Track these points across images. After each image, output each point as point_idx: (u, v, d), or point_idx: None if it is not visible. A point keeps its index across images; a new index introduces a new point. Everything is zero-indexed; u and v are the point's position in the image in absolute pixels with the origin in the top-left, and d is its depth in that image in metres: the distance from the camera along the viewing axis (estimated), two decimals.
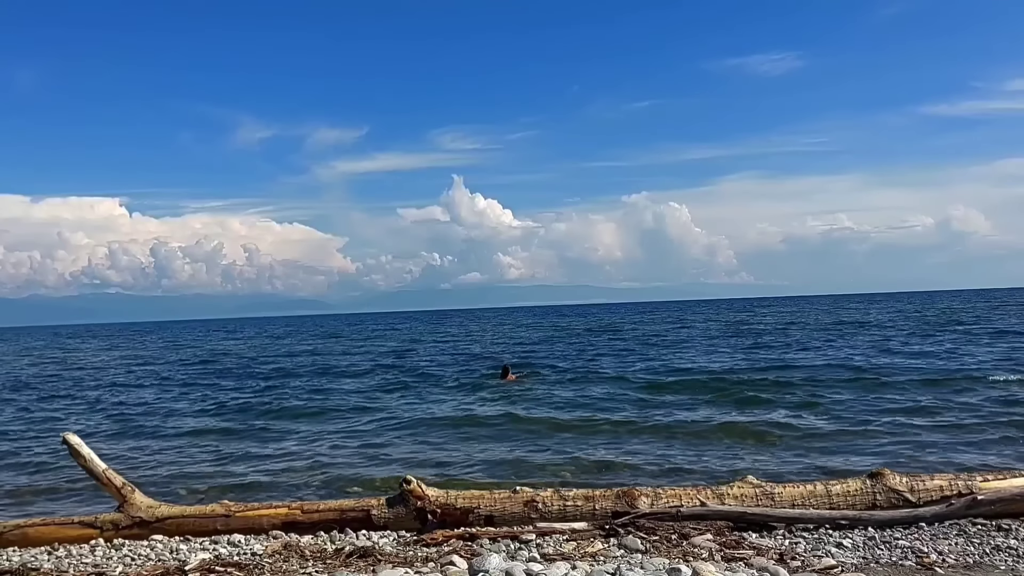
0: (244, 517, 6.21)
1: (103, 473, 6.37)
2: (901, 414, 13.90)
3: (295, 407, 18.80)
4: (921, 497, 5.81)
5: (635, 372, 23.75)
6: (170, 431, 15.85)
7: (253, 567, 5.03)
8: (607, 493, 6.04)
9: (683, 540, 5.36)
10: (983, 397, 15.45)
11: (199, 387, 24.86)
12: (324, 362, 34.58)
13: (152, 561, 5.51)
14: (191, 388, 24.64)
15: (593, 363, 28.09)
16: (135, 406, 20.32)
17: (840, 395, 16.70)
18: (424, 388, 22.24)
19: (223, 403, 20.26)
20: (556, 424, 14.66)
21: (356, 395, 21.11)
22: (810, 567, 4.70)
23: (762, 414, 14.59)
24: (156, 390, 24.54)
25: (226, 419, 17.32)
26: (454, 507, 6.04)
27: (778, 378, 19.95)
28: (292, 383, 25.05)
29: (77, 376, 31.84)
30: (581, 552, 5.11)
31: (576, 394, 19.17)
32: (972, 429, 12.36)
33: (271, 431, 15.36)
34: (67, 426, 15.39)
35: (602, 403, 17.46)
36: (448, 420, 15.84)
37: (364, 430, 15.12)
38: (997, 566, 4.79)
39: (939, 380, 18.26)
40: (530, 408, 17.15)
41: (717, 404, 16.31)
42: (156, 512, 6.29)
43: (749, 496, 5.92)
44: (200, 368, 33.67)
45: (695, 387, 19.10)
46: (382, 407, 18.29)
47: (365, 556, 5.15)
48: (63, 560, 5.68)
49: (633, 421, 14.61)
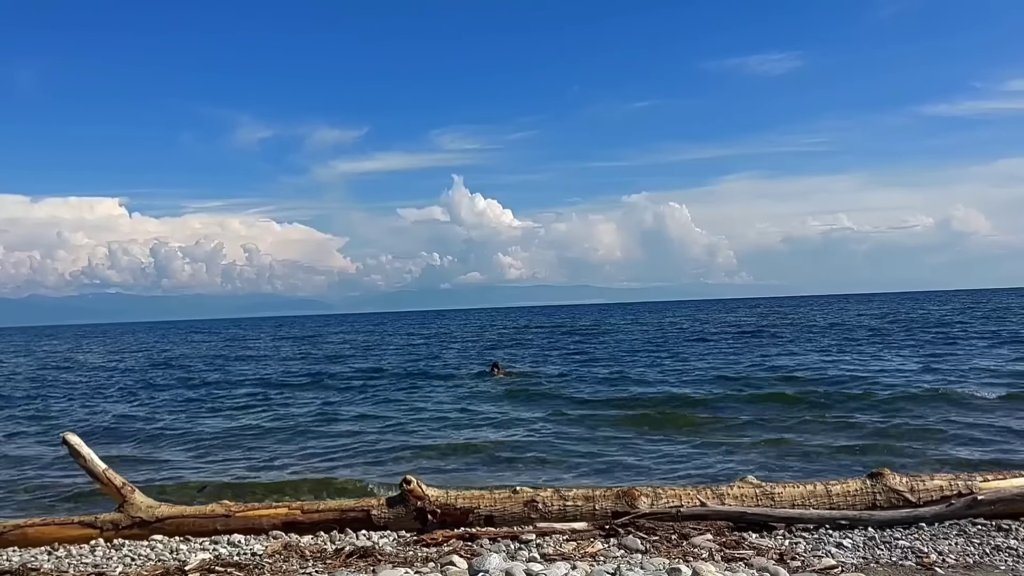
0: (244, 517, 6.20)
1: (103, 473, 6.36)
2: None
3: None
4: (921, 497, 5.81)
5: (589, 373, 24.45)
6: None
7: (253, 567, 5.03)
8: (607, 493, 6.04)
9: (683, 540, 5.36)
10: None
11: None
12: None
13: (152, 561, 5.50)
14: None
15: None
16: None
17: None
18: (417, 383, 23.09)
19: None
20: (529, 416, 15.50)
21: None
22: (810, 567, 4.70)
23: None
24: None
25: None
26: (454, 507, 6.04)
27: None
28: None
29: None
30: (581, 552, 5.10)
31: (557, 388, 20.33)
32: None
33: (271, 431, 15.38)
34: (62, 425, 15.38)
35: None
36: (438, 415, 16.43)
37: (365, 430, 15.17)
38: (997, 566, 4.79)
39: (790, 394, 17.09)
40: (512, 401, 18.18)
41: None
42: (156, 512, 6.28)
43: (749, 496, 5.92)
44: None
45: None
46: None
47: (365, 556, 5.15)
48: (63, 560, 5.67)
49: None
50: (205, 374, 30.44)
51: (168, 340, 67.18)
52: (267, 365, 34.29)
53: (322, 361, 35.93)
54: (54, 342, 75.89)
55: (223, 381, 27.01)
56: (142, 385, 26.74)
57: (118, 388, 26.06)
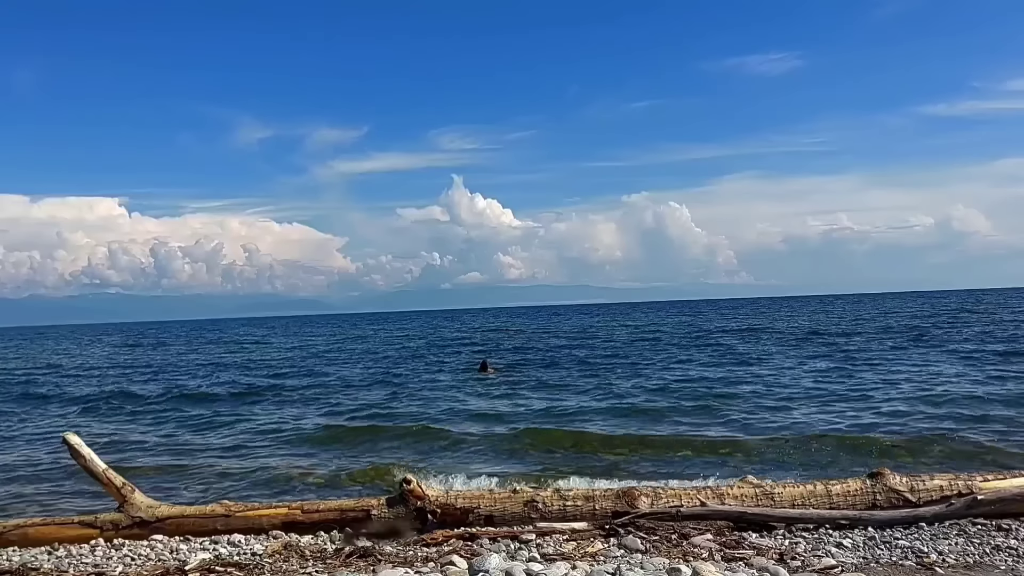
0: (244, 517, 6.21)
1: (103, 473, 6.37)
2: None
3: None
4: (921, 497, 5.82)
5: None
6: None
7: (253, 567, 5.03)
8: (607, 493, 6.04)
9: (683, 540, 5.36)
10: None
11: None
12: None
13: (152, 561, 5.51)
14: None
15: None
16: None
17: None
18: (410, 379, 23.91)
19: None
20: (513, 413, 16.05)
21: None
22: (810, 567, 4.70)
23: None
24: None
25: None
26: (454, 507, 6.04)
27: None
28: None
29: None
30: (581, 552, 5.11)
31: (540, 383, 21.31)
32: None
33: (273, 432, 15.41)
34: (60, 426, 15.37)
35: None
36: (427, 409, 17.01)
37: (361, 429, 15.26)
38: (997, 566, 4.79)
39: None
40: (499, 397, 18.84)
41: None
42: (156, 512, 6.29)
43: (749, 496, 5.92)
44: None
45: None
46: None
47: (365, 556, 5.15)
48: (63, 560, 5.68)
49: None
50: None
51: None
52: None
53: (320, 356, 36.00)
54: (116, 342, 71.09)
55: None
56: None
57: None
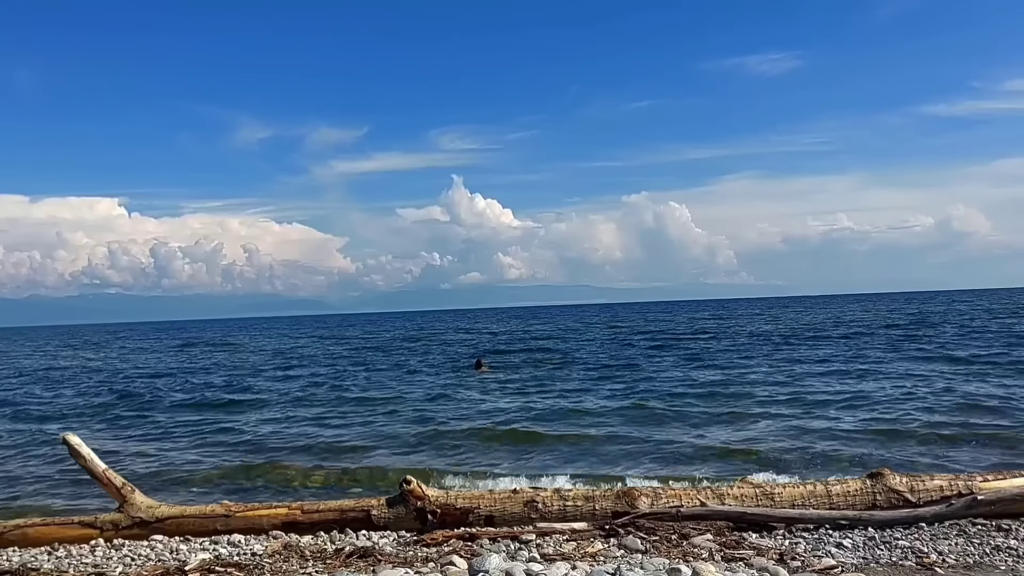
0: (244, 517, 6.21)
1: (103, 473, 6.37)
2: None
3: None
4: (921, 497, 5.81)
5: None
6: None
7: (253, 567, 5.03)
8: (607, 493, 6.04)
9: (683, 540, 5.36)
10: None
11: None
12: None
13: (152, 561, 5.50)
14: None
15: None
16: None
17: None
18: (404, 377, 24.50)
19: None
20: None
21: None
22: (810, 567, 4.70)
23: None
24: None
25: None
26: (454, 507, 6.04)
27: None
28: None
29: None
30: (581, 552, 5.10)
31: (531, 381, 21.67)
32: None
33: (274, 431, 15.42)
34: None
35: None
36: (420, 407, 17.30)
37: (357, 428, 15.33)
38: (997, 566, 4.79)
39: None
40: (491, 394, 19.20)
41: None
42: (156, 512, 6.29)
43: (749, 496, 5.92)
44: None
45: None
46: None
47: (365, 556, 5.15)
48: (63, 560, 5.68)
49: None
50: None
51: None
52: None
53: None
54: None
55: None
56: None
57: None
